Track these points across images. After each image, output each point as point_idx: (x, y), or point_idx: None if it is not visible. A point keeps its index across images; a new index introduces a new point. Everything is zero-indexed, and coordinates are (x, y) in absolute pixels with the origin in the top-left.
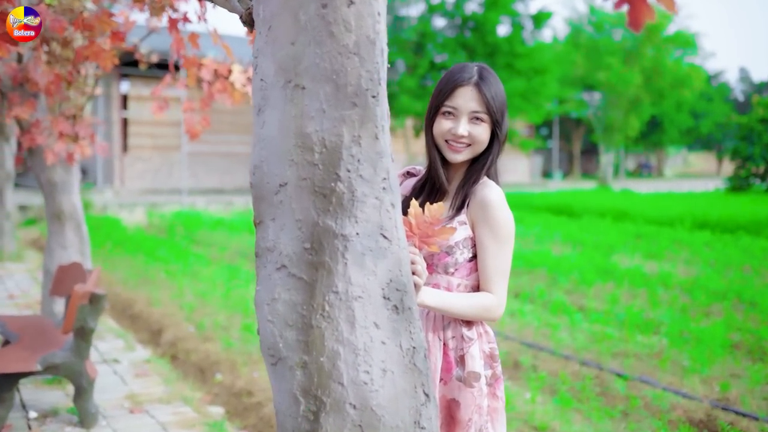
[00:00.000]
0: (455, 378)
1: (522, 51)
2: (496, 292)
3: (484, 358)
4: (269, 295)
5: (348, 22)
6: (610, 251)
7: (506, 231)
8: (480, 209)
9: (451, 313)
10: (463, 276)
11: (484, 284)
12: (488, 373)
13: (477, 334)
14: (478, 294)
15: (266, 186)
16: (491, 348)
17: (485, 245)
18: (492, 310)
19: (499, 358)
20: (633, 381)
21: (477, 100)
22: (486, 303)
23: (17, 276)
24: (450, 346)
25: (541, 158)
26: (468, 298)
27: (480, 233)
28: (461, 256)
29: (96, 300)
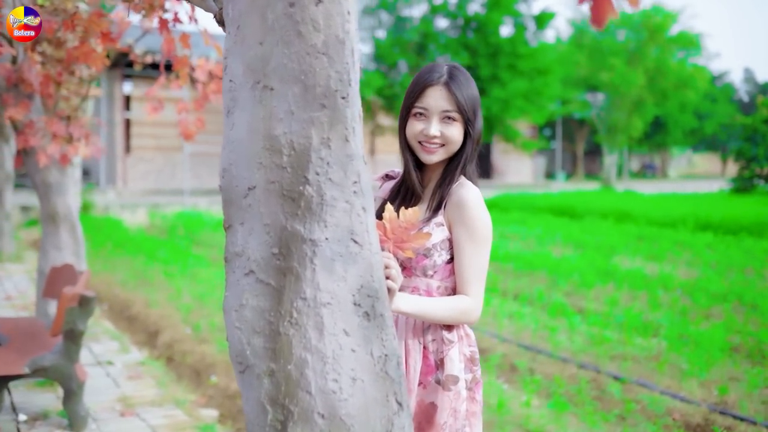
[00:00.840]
0: (434, 381)
1: (524, 52)
2: (472, 295)
3: (464, 362)
4: (237, 301)
5: (316, 22)
6: (611, 253)
7: (483, 231)
8: (456, 209)
9: (427, 318)
10: (443, 278)
11: (461, 286)
12: (468, 377)
13: (458, 337)
14: (454, 297)
15: (235, 189)
16: (472, 351)
17: (461, 246)
18: (469, 312)
19: (479, 361)
20: (630, 384)
21: (447, 99)
22: (462, 306)
23: (16, 277)
24: (430, 350)
25: (544, 159)
26: (444, 302)
27: (456, 234)
28: (439, 258)
29: (85, 302)
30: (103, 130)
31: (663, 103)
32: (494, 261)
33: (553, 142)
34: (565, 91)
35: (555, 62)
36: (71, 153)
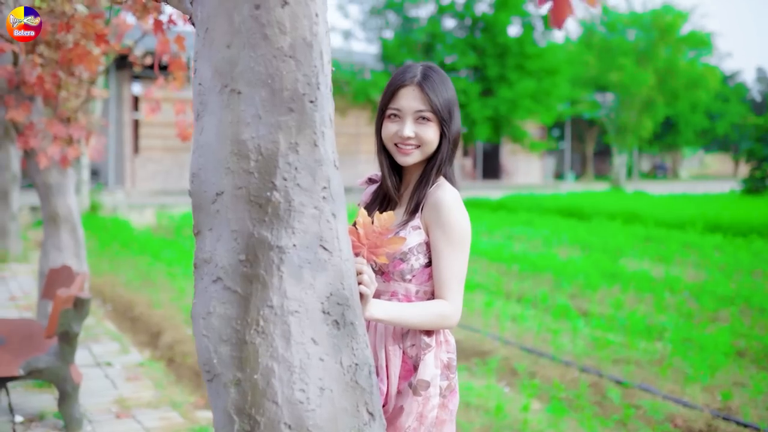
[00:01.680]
0: (407, 385)
1: (532, 52)
2: (450, 299)
3: (440, 368)
4: (205, 308)
5: (282, 24)
6: (617, 255)
7: (460, 234)
8: (433, 212)
9: (404, 325)
10: (422, 282)
11: (439, 290)
12: (443, 384)
13: (436, 342)
14: (431, 302)
15: (204, 195)
16: (449, 358)
17: (438, 249)
18: (448, 317)
19: (456, 369)
20: (632, 389)
21: (420, 100)
22: (441, 311)
23: (21, 277)
24: (409, 354)
25: (553, 160)
26: (421, 308)
27: (433, 237)
28: (417, 263)
29: (80, 304)
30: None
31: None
32: (499, 262)
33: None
34: (574, 92)
35: (564, 62)
36: (71, 154)
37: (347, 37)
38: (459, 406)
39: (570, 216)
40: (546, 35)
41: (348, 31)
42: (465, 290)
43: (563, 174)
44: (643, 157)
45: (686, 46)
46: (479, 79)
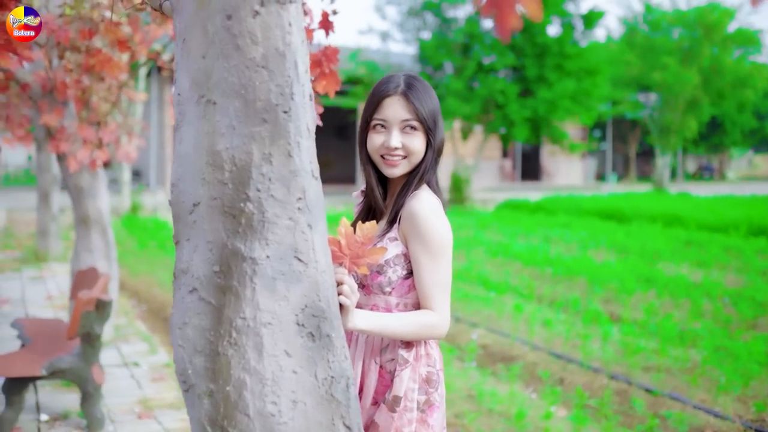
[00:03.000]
0: (382, 400)
1: (572, 51)
2: (436, 308)
3: (419, 382)
4: (181, 318)
5: (254, 35)
6: (655, 258)
7: (438, 242)
8: (409, 223)
9: (390, 335)
10: (402, 294)
11: (424, 301)
12: (422, 399)
13: (415, 357)
14: (417, 312)
15: (182, 205)
16: (429, 372)
17: (419, 260)
18: (435, 327)
19: (438, 383)
20: (662, 397)
21: (406, 109)
22: (427, 321)
23: (59, 277)
24: (387, 369)
25: (595, 161)
26: (406, 318)
27: (412, 248)
28: (394, 275)
29: (102, 306)
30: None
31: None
32: (533, 266)
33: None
34: (616, 92)
35: (605, 62)
36: (101, 158)
37: (385, 38)
38: (479, 413)
39: (609, 218)
40: (587, 35)
41: (385, 33)
42: (495, 293)
43: (605, 175)
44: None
45: (733, 44)
46: (518, 79)
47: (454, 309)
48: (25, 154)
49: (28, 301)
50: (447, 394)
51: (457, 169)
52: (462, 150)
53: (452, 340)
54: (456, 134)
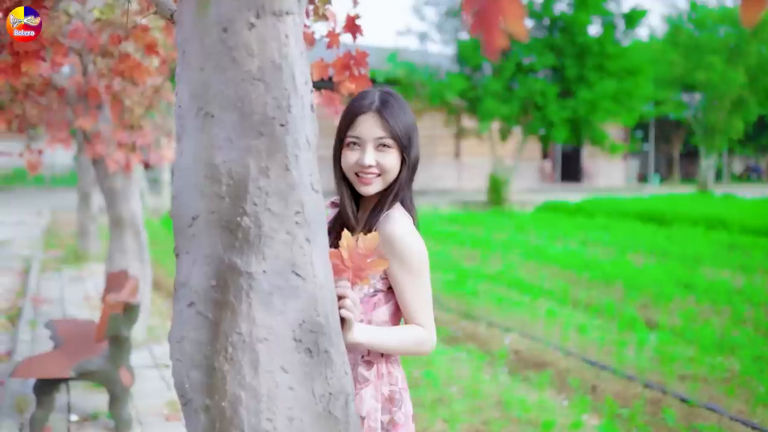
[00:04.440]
0: None
1: (614, 51)
2: (425, 324)
3: (381, 401)
4: (179, 332)
5: (249, 47)
6: (696, 263)
7: (418, 261)
8: (386, 246)
9: (384, 349)
10: (366, 311)
11: (411, 319)
12: (385, 418)
13: (376, 375)
14: (409, 327)
15: (182, 218)
16: (391, 391)
17: (400, 281)
18: (425, 343)
19: (402, 402)
20: (697, 407)
21: (380, 126)
22: (418, 337)
23: (98, 277)
24: None
25: (637, 162)
26: (401, 333)
27: (392, 270)
28: (360, 291)
29: (130, 310)
30: None
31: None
32: (569, 269)
33: (645, 144)
34: (659, 92)
35: (647, 61)
36: (134, 161)
37: (423, 39)
38: (507, 421)
39: (650, 221)
40: (629, 34)
41: (424, 34)
42: (530, 297)
43: (647, 177)
44: (735, 158)
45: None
46: (557, 80)
47: (488, 313)
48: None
49: (66, 301)
50: (475, 401)
51: (495, 170)
52: (500, 151)
53: (484, 345)
54: (494, 135)
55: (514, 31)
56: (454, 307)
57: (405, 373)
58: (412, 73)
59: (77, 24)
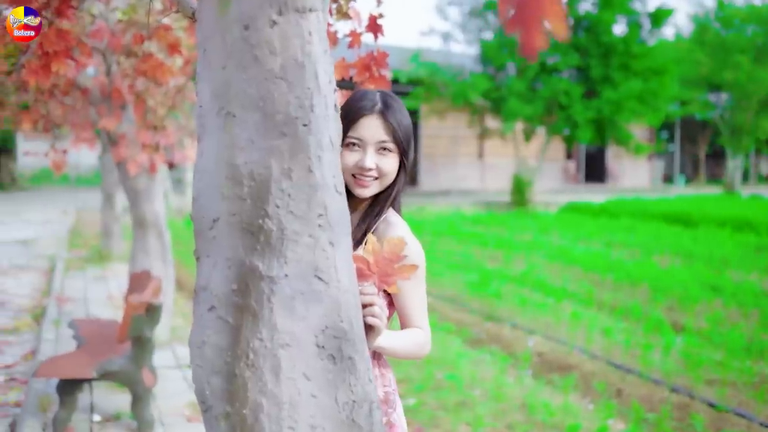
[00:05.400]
0: None
1: (639, 51)
2: (424, 327)
3: None
4: (200, 337)
5: (272, 45)
6: (723, 265)
7: (421, 266)
8: None
9: (393, 353)
10: None
11: (410, 322)
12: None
13: None
14: (412, 331)
15: (202, 220)
16: (386, 392)
17: (403, 285)
18: (425, 346)
19: (396, 403)
20: (726, 413)
21: (383, 129)
22: (420, 340)
23: (121, 277)
24: None
25: (662, 162)
26: (407, 336)
27: None
28: None
29: (152, 310)
30: None
31: None
32: (593, 271)
33: (671, 144)
34: (685, 92)
35: (673, 61)
36: (158, 161)
37: (446, 39)
38: (531, 424)
39: (675, 222)
40: (654, 33)
41: (447, 34)
42: (554, 299)
43: (672, 177)
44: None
45: None
46: (582, 80)
47: (512, 314)
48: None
49: (90, 301)
50: (499, 404)
51: (519, 171)
52: (524, 152)
53: (507, 348)
54: (518, 136)
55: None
56: (478, 309)
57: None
58: (435, 73)
59: (100, 24)
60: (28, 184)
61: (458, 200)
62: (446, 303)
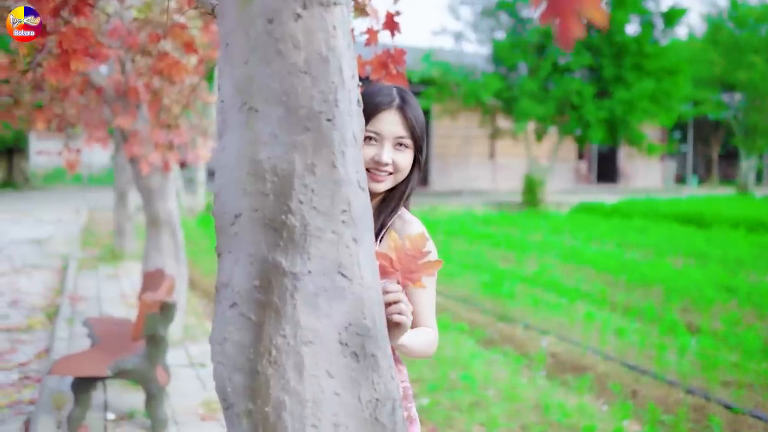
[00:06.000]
0: None
1: (652, 51)
2: (433, 327)
3: None
4: (221, 334)
5: (296, 39)
6: (737, 266)
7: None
8: None
9: (413, 351)
10: None
11: (420, 322)
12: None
13: None
14: (423, 329)
15: (224, 216)
16: (405, 387)
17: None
18: (434, 345)
19: (413, 398)
20: (742, 415)
21: (402, 125)
22: (431, 339)
23: (134, 276)
24: None
25: (675, 163)
26: (422, 335)
27: None
28: None
29: (166, 309)
30: None
31: None
32: (606, 272)
33: (684, 145)
34: (698, 92)
35: (686, 61)
36: (172, 160)
37: (458, 39)
38: (546, 425)
39: (688, 223)
40: (667, 33)
41: (459, 33)
42: (567, 299)
43: (685, 178)
44: None
45: None
46: (594, 79)
47: (524, 315)
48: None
49: (103, 299)
50: (513, 405)
51: (530, 171)
52: (536, 152)
53: (521, 348)
54: (530, 136)
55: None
56: (490, 309)
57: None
58: (447, 73)
59: (116, 23)
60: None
61: (470, 200)
62: (459, 303)
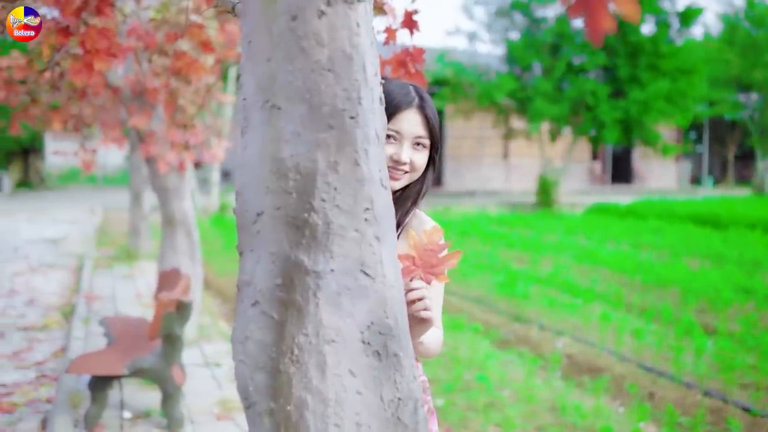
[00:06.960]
0: None
1: (667, 51)
2: (440, 327)
3: None
4: (243, 332)
5: (319, 36)
6: (754, 268)
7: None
8: None
9: (429, 349)
10: None
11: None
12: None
13: None
14: (433, 328)
15: (246, 214)
16: (423, 381)
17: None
18: (440, 344)
19: (430, 391)
20: (761, 417)
21: (421, 125)
22: (440, 338)
23: (149, 275)
24: None
25: (690, 164)
26: (433, 333)
27: None
28: None
29: (183, 308)
30: None
31: None
32: (621, 273)
33: (699, 145)
34: (714, 92)
35: (702, 61)
36: (188, 160)
37: (472, 39)
38: (562, 427)
39: (704, 224)
40: (683, 33)
41: (473, 33)
42: (582, 300)
43: (700, 179)
44: None
45: None
46: (609, 80)
47: (539, 315)
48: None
49: (118, 299)
50: (528, 406)
51: (544, 171)
52: (550, 152)
53: (536, 349)
54: (544, 136)
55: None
56: (505, 310)
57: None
58: (460, 73)
59: (134, 23)
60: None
61: (483, 201)
62: (474, 303)
